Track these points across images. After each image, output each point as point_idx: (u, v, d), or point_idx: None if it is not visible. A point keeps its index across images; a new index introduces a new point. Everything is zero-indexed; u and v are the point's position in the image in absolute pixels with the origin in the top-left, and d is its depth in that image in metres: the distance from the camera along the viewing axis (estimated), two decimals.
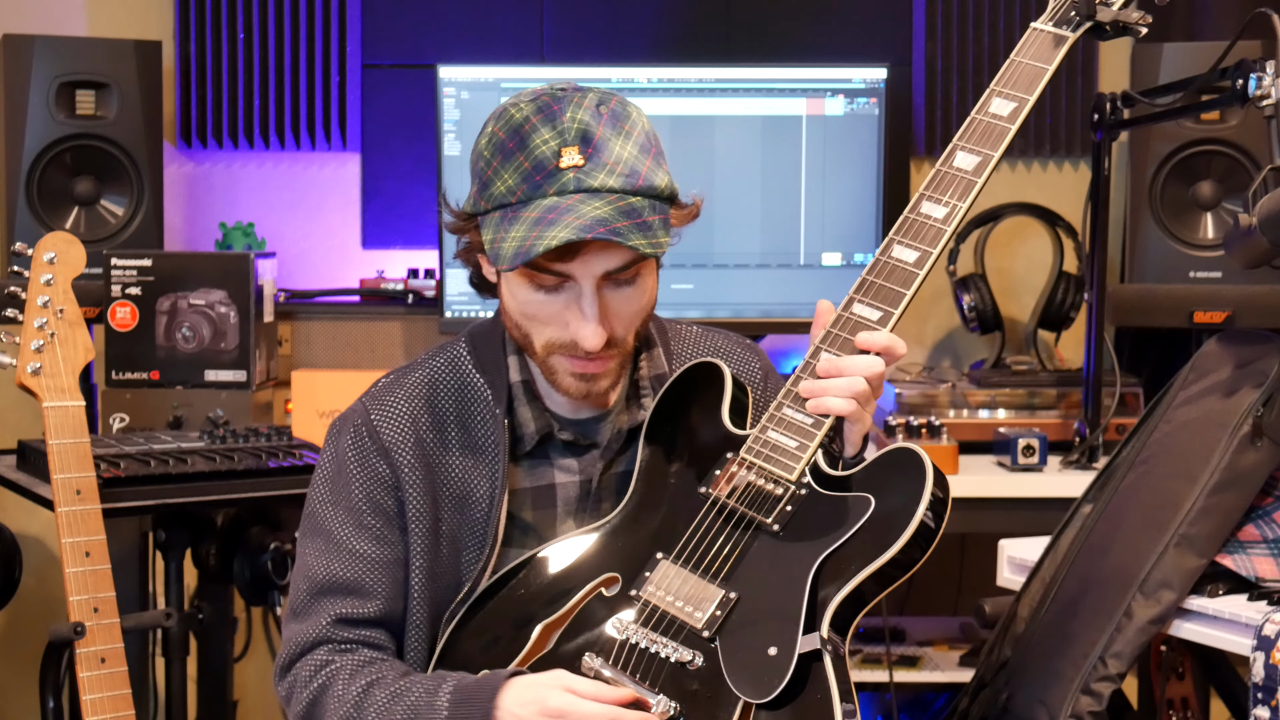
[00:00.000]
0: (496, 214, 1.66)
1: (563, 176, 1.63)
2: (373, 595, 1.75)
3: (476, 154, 1.71)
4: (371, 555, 1.75)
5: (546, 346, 1.71)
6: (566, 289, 1.67)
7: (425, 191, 3.47)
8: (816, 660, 1.58)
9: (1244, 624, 1.88)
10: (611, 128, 1.66)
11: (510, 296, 1.72)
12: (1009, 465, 2.91)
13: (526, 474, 1.79)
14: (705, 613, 1.63)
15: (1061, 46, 1.78)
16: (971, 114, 1.78)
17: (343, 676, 1.72)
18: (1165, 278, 3.01)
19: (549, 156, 1.64)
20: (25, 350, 2.35)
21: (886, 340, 1.69)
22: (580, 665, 1.63)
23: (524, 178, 1.65)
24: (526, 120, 1.66)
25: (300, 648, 1.76)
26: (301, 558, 1.80)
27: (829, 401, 1.67)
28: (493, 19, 3.48)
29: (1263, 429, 2.01)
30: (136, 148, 3.13)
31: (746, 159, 3.19)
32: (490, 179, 1.67)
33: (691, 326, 1.94)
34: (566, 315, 1.68)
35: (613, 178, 1.64)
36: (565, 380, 1.72)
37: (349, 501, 1.76)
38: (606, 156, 1.64)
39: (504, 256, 1.63)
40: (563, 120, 1.65)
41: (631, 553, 1.70)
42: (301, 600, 1.77)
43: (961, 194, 1.72)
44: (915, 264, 1.70)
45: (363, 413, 1.79)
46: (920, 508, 1.60)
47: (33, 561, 3.22)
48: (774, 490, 1.67)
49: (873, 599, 1.64)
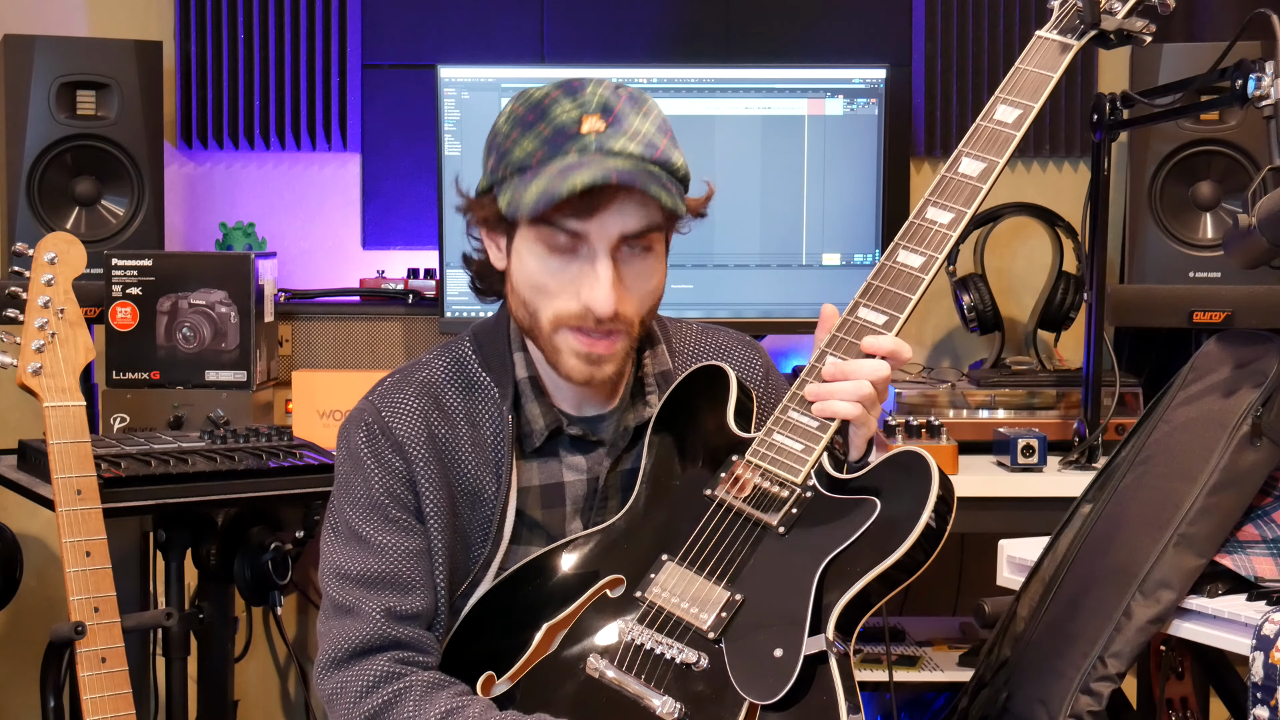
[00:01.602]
0: (515, 177, 1.68)
1: (584, 139, 1.66)
2: (413, 587, 1.73)
3: (494, 132, 1.74)
4: (403, 547, 1.73)
5: (555, 320, 1.71)
6: (580, 256, 1.68)
7: (425, 191, 3.48)
8: (822, 662, 1.58)
9: (1243, 623, 1.88)
10: (630, 106, 1.70)
11: (520, 269, 1.72)
12: (1009, 465, 2.91)
13: (535, 471, 1.79)
14: (710, 614, 1.63)
15: (1066, 54, 1.79)
16: (977, 121, 1.79)
17: (413, 697, 1.67)
18: (1165, 278, 3.02)
19: (570, 123, 1.67)
20: (26, 350, 2.36)
21: (892, 344, 1.69)
22: (585, 667, 1.63)
23: (544, 142, 1.67)
24: (547, 95, 1.70)
25: (356, 646, 1.71)
26: (330, 559, 1.77)
27: (834, 405, 1.68)
28: (493, 19, 3.49)
29: (1262, 429, 2.01)
30: (137, 148, 3.13)
31: (746, 159, 3.19)
32: (509, 148, 1.69)
33: (692, 324, 1.95)
34: (578, 284, 1.69)
35: (633, 144, 1.66)
36: (570, 362, 1.72)
37: (370, 497, 1.75)
38: (626, 126, 1.67)
39: (526, 204, 1.65)
40: (584, 94, 1.69)
41: (636, 554, 1.71)
42: (341, 596, 1.73)
43: (966, 200, 1.73)
44: (920, 269, 1.71)
45: (372, 410, 1.78)
46: (925, 511, 1.60)
47: (33, 561, 3.23)
48: (779, 493, 1.68)
49: (878, 601, 1.64)
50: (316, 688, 1.74)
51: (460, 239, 1.86)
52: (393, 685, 1.68)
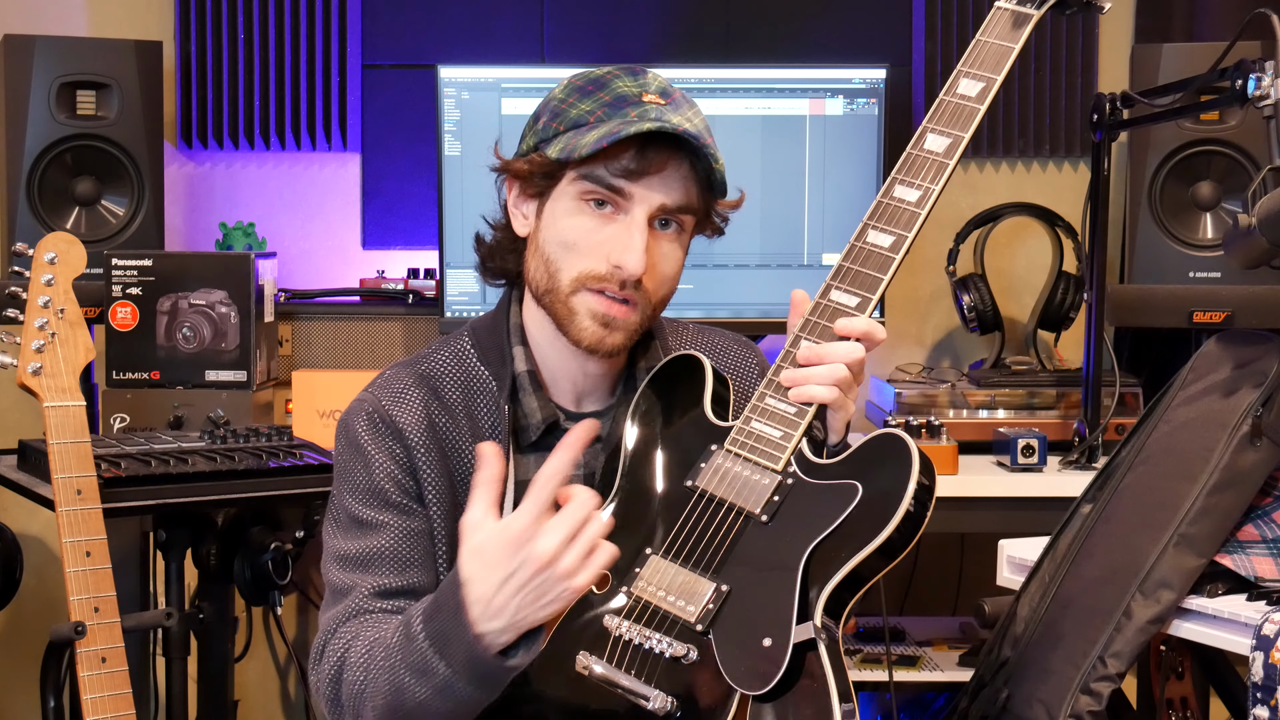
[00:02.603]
0: (570, 131, 1.72)
1: (645, 106, 1.71)
2: (410, 564, 1.72)
3: (547, 100, 1.78)
4: (402, 526, 1.73)
5: (578, 280, 1.72)
6: (616, 220, 1.71)
7: (425, 191, 3.48)
8: (811, 649, 1.58)
9: (1243, 623, 1.88)
10: (684, 99, 1.76)
11: (550, 226, 1.74)
12: (1008, 465, 2.91)
13: (532, 465, 1.79)
14: (698, 606, 1.63)
15: (1026, 25, 1.79)
16: (940, 95, 1.79)
17: (356, 645, 1.66)
18: (1165, 278, 3.02)
19: (632, 94, 1.72)
20: (26, 350, 2.36)
21: (865, 325, 1.69)
22: (574, 663, 1.63)
23: (604, 105, 1.72)
24: (608, 73, 1.76)
25: (330, 628, 1.71)
26: (330, 545, 1.77)
27: (811, 390, 1.68)
28: (493, 19, 3.49)
29: (1262, 429, 2.01)
30: (137, 148, 3.13)
31: (746, 159, 3.19)
32: (565, 109, 1.74)
33: (688, 324, 1.95)
34: (609, 245, 1.71)
35: (689, 124, 1.71)
36: (584, 323, 1.73)
37: (370, 483, 1.75)
38: (684, 110, 1.73)
39: (586, 143, 1.68)
40: (644, 76, 1.75)
41: (621, 549, 1.70)
42: (339, 578, 1.73)
43: (934, 176, 1.73)
44: (891, 249, 1.71)
45: (373, 400, 1.78)
46: (907, 493, 1.60)
47: (33, 561, 3.23)
48: (760, 480, 1.67)
49: (864, 586, 1.64)
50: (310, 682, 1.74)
51: (460, 239, 1.87)
52: (344, 642, 1.67)
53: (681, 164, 1.71)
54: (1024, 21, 1.79)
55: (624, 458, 1.76)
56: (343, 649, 1.67)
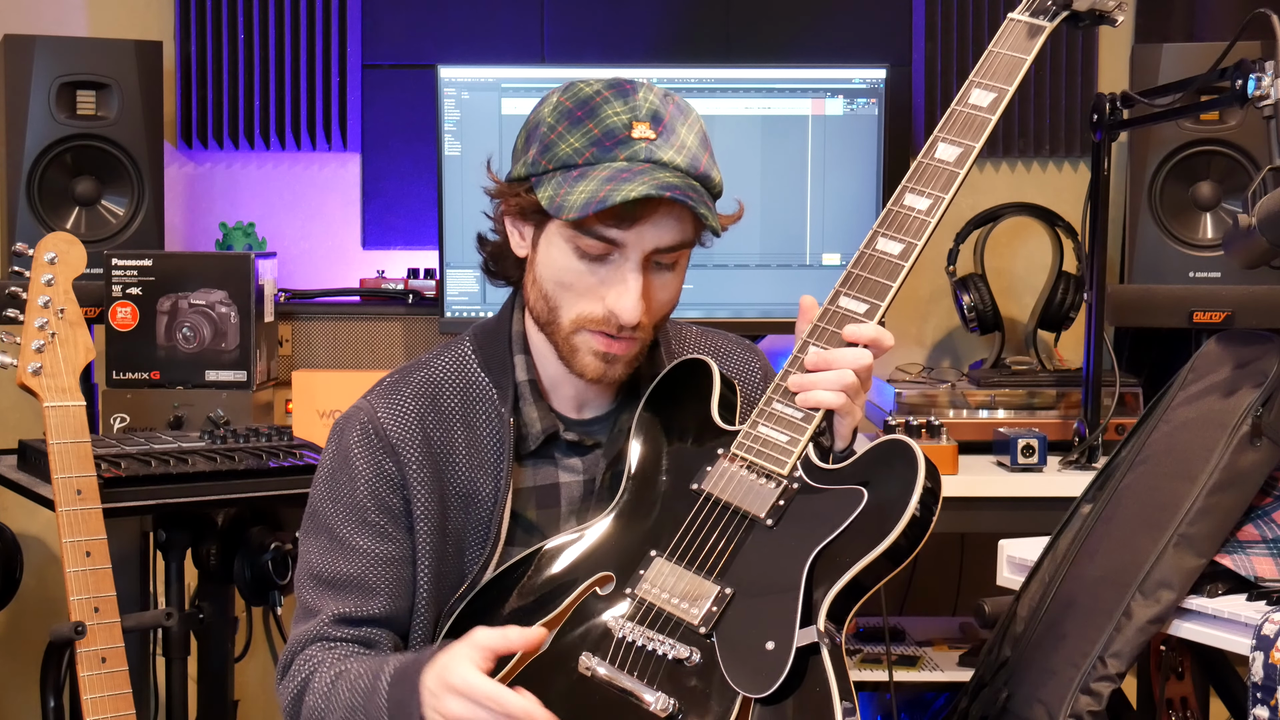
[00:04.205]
0: (559, 173, 1.68)
1: (634, 145, 1.67)
2: (376, 592, 1.75)
3: (537, 120, 1.73)
4: (375, 552, 1.75)
5: (576, 321, 1.72)
6: (610, 262, 1.69)
7: (425, 191, 3.48)
8: (814, 653, 1.58)
9: (1243, 623, 1.88)
10: (678, 116, 1.72)
11: (547, 264, 1.72)
12: (1008, 465, 2.91)
13: (531, 473, 1.79)
14: (701, 609, 1.63)
15: (1039, 36, 1.79)
16: (952, 105, 1.78)
17: (321, 671, 1.73)
18: (1165, 278, 3.02)
19: (621, 126, 1.68)
20: (26, 350, 2.35)
21: (874, 332, 1.69)
22: (577, 664, 1.64)
23: (593, 142, 1.68)
24: (598, 94, 1.70)
25: (297, 646, 1.77)
26: (304, 557, 1.80)
27: (818, 395, 1.68)
28: (493, 19, 3.49)
29: (1262, 429, 2.01)
30: (137, 148, 3.13)
31: (746, 159, 3.19)
32: (554, 141, 1.69)
33: (691, 327, 1.95)
34: (604, 289, 1.70)
35: (680, 157, 1.68)
36: (585, 359, 1.73)
37: (353, 499, 1.76)
38: (674, 138, 1.69)
39: (571, 206, 1.65)
40: (635, 98, 1.69)
41: (625, 551, 1.70)
42: (308, 598, 1.78)
43: (944, 185, 1.73)
44: (900, 256, 1.71)
45: (369, 410, 1.79)
46: (913, 500, 1.60)
47: (33, 561, 3.23)
48: (766, 485, 1.67)
49: (868, 591, 1.64)
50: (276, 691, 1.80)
51: (460, 239, 1.87)
52: (308, 666, 1.75)
53: (673, 205, 1.67)
54: (1037, 33, 1.79)
55: (630, 460, 1.77)
56: (308, 672, 1.74)
